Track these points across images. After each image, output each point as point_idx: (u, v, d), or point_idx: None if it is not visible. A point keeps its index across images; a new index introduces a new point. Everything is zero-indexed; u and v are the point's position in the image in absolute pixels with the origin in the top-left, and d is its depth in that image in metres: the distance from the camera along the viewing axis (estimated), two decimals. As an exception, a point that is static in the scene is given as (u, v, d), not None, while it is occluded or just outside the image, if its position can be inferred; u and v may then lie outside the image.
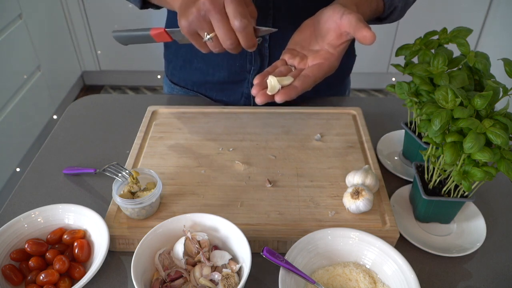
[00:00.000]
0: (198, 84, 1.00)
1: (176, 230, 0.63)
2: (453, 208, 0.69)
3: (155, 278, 0.59)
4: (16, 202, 0.75)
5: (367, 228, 0.65)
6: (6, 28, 1.90)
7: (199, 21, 0.62)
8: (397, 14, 0.82)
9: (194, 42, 0.66)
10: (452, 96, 0.59)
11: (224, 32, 0.62)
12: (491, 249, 0.68)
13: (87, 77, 2.83)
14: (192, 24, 0.63)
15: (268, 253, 0.59)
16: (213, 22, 0.62)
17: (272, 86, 0.64)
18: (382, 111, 0.97)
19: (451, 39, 0.70)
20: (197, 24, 0.63)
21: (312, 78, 0.66)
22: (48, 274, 0.60)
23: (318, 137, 0.85)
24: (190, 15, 0.62)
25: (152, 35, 0.71)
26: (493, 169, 0.59)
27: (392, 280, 0.59)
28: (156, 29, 0.70)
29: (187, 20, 0.63)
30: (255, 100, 0.65)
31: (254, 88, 0.66)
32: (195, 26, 0.63)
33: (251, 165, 0.79)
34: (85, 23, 2.48)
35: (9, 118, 1.92)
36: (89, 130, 0.92)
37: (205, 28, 0.63)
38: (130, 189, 0.69)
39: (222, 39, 0.63)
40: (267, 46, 0.87)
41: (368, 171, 0.71)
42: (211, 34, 0.63)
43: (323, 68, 0.67)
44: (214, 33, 0.63)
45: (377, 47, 2.52)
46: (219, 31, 0.62)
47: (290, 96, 0.64)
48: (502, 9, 2.31)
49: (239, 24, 0.60)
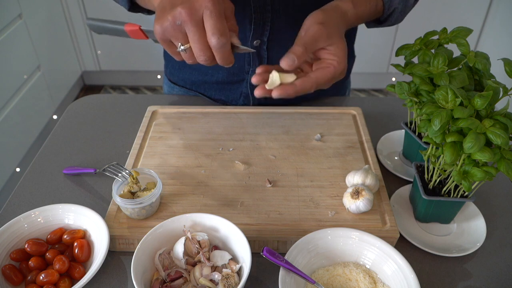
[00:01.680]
0: (197, 84, 1.00)
1: (176, 230, 0.63)
2: (453, 208, 0.69)
3: (155, 278, 0.59)
4: (16, 202, 0.75)
5: (367, 228, 0.65)
6: (6, 28, 1.90)
7: (174, 30, 0.58)
8: (396, 16, 0.81)
9: (167, 49, 0.63)
10: (452, 96, 0.59)
11: (199, 48, 0.59)
12: (491, 249, 0.68)
13: (87, 77, 2.83)
14: (166, 32, 0.59)
15: (268, 253, 0.59)
16: (188, 34, 0.58)
17: (273, 80, 0.64)
18: (382, 111, 0.97)
19: (451, 39, 0.70)
20: (171, 33, 0.59)
21: (313, 80, 0.64)
22: (48, 274, 0.60)
23: (318, 137, 0.85)
24: (165, 22, 0.58)
25: (127, 30, 0.67)
26: (493, 169, 0.59)
27: (392, 280, 0.59)
28: (132, 25, 0.66)
29: (161, 26, 0.59)
30: (254, 93, 0.64)
31: (255, 77, 0.65)
32: (169, 34, 0.60)
33: (251, 165, 0.79)
34: (85, 23, 2.48)
35: (9, 118, 1.92)
36: (89, 130, 0.92)
37: (180, 38, 0.60)
38: (130, 189, 0.69)
39: (196, 54, 0.60)
40: (265, 48, 0.87)
41: (368, 171, 0.71)
42: (185, 46, 0.60)
43: (328, 72, 0.65)
44: (188, 45, 0.60)
45: (377, 47, 2.52)
46: (194, 45, 0.59)
47: (287, 93, 0.63)
48: (502, 9, 2.31)
49: (216, 42, 0.57)
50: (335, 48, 0.65)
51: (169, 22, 0.58)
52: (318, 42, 0.64)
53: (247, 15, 0.82)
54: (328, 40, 0.65)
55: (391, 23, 0.83)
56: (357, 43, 1.03)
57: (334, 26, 0.66)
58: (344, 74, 0.67)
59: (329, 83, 0.67)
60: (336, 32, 0.66)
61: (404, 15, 0.83)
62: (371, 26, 0.87)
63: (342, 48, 0.66)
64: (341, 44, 0.66)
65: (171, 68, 1.03)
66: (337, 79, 0.67)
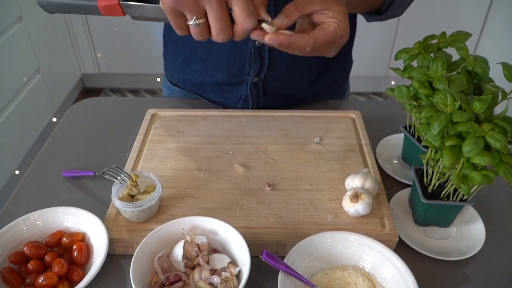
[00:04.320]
0: (196, 85, 1.00)
1: (175, 233, 0.63)
2: (452, 211, 0.69)
3: (154, 281, 0.59)
4: (15, 205, 0.75)
5: (366, 232, 0.65)
6: (6, 31, 1.90)
7: (190, 1, 0.52)
8: (397, 7, 0.80)
9: (173, 21, 0.56)
10: (451, 100, 0.60)
11: (219, 26, 0.54)
12: (490, 253, 0.68)
13: (87, 79, 2.83)
14: (180, 3, 0.53)
15: (267, 256, 0.59)
16: (209, 10, 0.53)
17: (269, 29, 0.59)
18: (381, 115, 0.97)
19: (450, 43, 0.70)
20: (186, 3, 0.53)
21: (310, 37, 0.59)
22: (47, 277, 0.60)
23: (317, 140, 0.85)
24: None
25: (100, 6, 0.57)
26: (492, 173, 0.59)
27: (391, 283, 0.59)
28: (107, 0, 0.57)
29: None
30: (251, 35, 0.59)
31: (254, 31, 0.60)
32: (183, 5, 0.53)
33: (251, 168, 0.79)
34: (85, 26, 2.48)
35: (8, 120, 1.92)
36: (89, 133, 0.92)
37: (196, 11, 0.54)
38: (129, 192, 0.69)
39: (215, 31, 0.55)
40: (267, 49, 0.87)
41: (367, 174, 0.71)
42: (200, 20, 0.54)
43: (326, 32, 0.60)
44: (203, 19, 0.54)
45: (376, 50, 2.53)
46: (214, 22, 0.54)
47: (279, 39, 0.58)
48: (501, 13, 2.32)
49: (244, 24, 0.54)
50: (333, 12, 0.61)
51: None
52: (310, 4, 0.60)
53: None
54: (323, 4, 0.61)
55: (392, 15, 0.82)
56: (356, 46, 1.03)
57: None
58: (345, 38, 0.62)
59: (330, 47, 0.62)
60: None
61: (405, 6, 0.81)
62: (371, 19, 0.86)
63: (341, 12, 0.62)
64: (339, 9, 0.62)
65: (171, 69, 1.03)
66: (339, 43, 0.63)
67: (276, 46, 0.59)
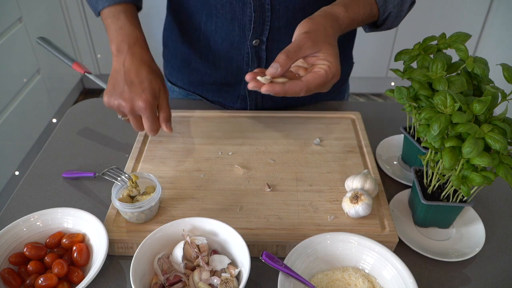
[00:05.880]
0: (195, 85, 1.00)
1: (175, 234, 0.63)
2: (452, 212, 0.69)
3: (154, 282, 0.59)
4: (15, 206, 0.75)
5: (366, 233, 0.65)
6: (6, 32, 1.90)
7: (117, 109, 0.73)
8: (392, 21, 0.82)
9: None
10: (451, 101, 0.60)
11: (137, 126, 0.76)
12: (490, 254, 0.68)
13: (87, 80, 2.83)
14: (111, 107, 0.73)
15: (267, 257, 0.59)
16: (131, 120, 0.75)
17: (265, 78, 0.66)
18: (381, 116, 0.97)
19: (450, 44, 0.70)
20: (115, 109, 0.73)
21: (303, 83, 0.65)
22: (46, 278, 0.60)
23: (317, 141, 0.85)
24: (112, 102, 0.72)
25: (74, 67, 0.87)
26: (492, 174, 0.59)
27: (391, 284, 0.59)
28: (79, 67, 0.86)
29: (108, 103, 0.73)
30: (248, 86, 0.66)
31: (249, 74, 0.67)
32: (113, 108, 0.74)
33: (251, 169, 0.79)
34: (85, 27, 2.49)
35: (8, 121, 1.92)
36: (89, 133, 0.92)
37: (120, 113, 0.75)
38: (129, 193, 0.69)
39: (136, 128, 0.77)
40: (264, 49, 0.88)
41: (367, 175, 0.71)
42: (124, 118, 0.77)
43: (318, 75, 0.66)
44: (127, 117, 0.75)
45: (376, 52, 2.53)
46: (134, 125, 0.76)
47: (274, 90, 0.64)
48: (501, 15, 2.32)
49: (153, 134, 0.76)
50: (324, 53, 0.67)
51: (115, 105, 0.72)
52: (301, 50, 0.66)
53: (247, 14, 0.82)
54: (314, 47, 0.66)
55: (388, 27, 0.84)
56: (356, 47, 1.03)
57: (321, 34, 0.67)
58: (338, 77, 0.68)
59: (323, 87, 0.67)
60: (323, 39, 0.67)
61: (399, 20, 0.83)
62: (368, 30, 0.87)
63: (332, 53, 0.67)
64: (330, 50, 0.67)
65: (170, 69, 1.04)
66: (331, 82, 0.68)
67: (273, 95, 0.65)
